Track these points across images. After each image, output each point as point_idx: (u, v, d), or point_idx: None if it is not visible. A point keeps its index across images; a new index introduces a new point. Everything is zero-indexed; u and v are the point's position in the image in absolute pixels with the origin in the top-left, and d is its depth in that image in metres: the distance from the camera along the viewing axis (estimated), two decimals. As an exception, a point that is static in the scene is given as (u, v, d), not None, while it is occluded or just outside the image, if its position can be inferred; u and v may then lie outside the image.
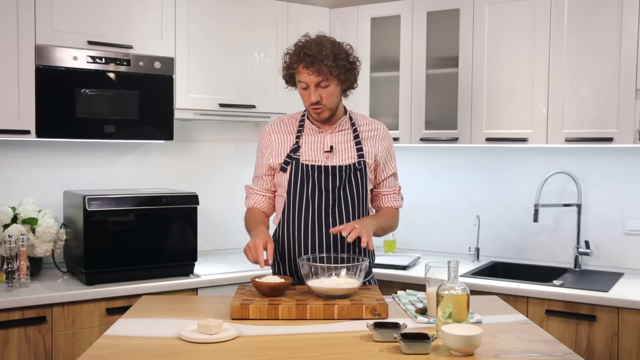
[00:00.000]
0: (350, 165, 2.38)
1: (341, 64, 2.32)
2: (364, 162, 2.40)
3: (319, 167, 2.37)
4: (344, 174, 2.37)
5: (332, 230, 2.27)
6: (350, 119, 2.48)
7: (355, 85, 2.45)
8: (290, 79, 2.40)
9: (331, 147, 2.40)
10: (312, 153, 2.40)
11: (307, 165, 2.38)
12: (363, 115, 2.55)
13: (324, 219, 2.36)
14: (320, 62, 2.27)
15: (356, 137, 2.43)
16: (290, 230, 2.41)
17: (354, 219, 2.38)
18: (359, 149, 2.42)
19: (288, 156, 2.41)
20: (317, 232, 2.36)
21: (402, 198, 2.57)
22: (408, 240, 3.96)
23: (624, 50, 2.99)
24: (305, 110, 2.49)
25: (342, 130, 2.44)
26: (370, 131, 2.47)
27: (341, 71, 2.32)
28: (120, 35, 3.12)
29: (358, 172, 2.39)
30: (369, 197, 2.47)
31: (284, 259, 2.45)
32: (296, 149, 2.41)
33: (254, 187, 2.51)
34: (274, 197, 2.50)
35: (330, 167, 2.37)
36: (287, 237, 2.42)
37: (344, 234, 2.20)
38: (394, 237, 3.85)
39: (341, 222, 2.36)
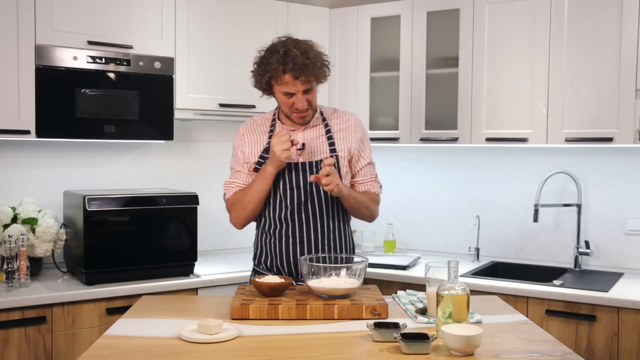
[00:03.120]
0: (321, 160, 2.40)
1: (324, 67, 2.35)
2: (337, 156, 2.42)
3: (289, 164, 2.39)
4: (314, 169, 2.39)
5: (312, 178, 2.26)
6: (322, 113, 2.49)
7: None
8: (268, 86, 2.37)
9: (303, 145, 2.42)
10: None
11: None
12: (334, 109, 2.56)
13: (296, 215, 2.38)
14: (307, 70, 2.27)
15: (328, 132, 2.45)
16: (267, 228, 2.44)
17: (327, 213, 2.40)
18: (331, 144, 2.44)
19: (261, 156, 2.43)
20: (291, 229, 2.38)
21: (381, 186, 2.57)
22: (408, 240, 3.96)
23: (624, 50, 2.99)
24: (276, 109, 2.50)
25: (313, 126, 2.45)
26: (341, 123, 2.49)
27: (324, 73, 2.36)
28: (120, 35, 3.12)
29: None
30: None
31: (263, 256, 2.46)
32: (268, 149, 2.42)
33: (236, 180, 2.49)
34: None
35: (300, 164, 2.39)
36: (264, 235, 2.45)
37: (322, 181, 2.22)
38: (394, 237, 3.85)
39: (315, 217, 2.38)
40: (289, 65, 2.25)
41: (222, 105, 3.45)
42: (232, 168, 2.52)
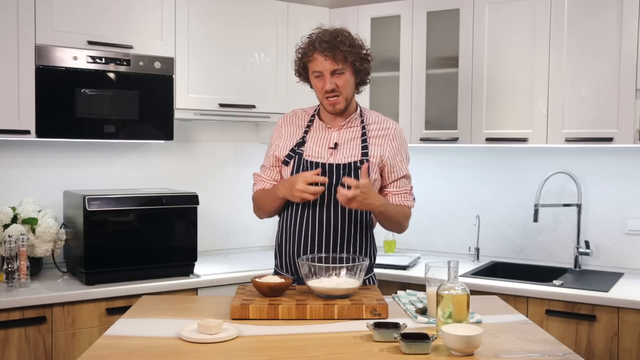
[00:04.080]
0: (350, 163, 2.37)
1: (356, 51, 2.33)
2: (367, 161, 2.38)
3: (317, 163, 2.37)
4: (341, 171, 2.36)
5: (345, 179, 2.24)
6: (361, 116, 2.46)
7: (368, 80, 2.44)
8: (304, 71, 2.39)
9: (336, 144, 2.39)
10: (316, 149, 2.40)
11: (307, 161, 2.38)
12: (377, 114, 2.52)
13: (317, 215, 2.36)
14: (335, 48, 2.28)
15: (363, 134, 2.42)
16: (289, 225, 2.42)
17: (350, 217, 2.37)
18: (364, 147, 2.40)
19: (292, 150, 2.42)
20: (310, 229, 2.37)
21: (414, 199, 2.52)
22: (408, 240, 3.95)
23: (624, 50, 2.99)
24: (318, 106, 2.48)
25: (350, 127, 2.42)
26: (380, 130, 2.44)
27: (356, 58, 2.32)
28: (120, 35, 3.12)
29: (359, 171, 2.37)
30: None
31: (283, 255, 2.45)
32: (301, 143, 2.41)
33: (262, 175, 2.51)
34: None
35: (327, 165, 2.36)
36: (285, 233, 2.44)
37: (348, 194, 2.18)
38: (394, 237, 3.85)
39: (337, 220, 2.35)
40: (316, 43, 2.30)
41: (222, 105, 3.45)
42: (264, 159, 2.54)
